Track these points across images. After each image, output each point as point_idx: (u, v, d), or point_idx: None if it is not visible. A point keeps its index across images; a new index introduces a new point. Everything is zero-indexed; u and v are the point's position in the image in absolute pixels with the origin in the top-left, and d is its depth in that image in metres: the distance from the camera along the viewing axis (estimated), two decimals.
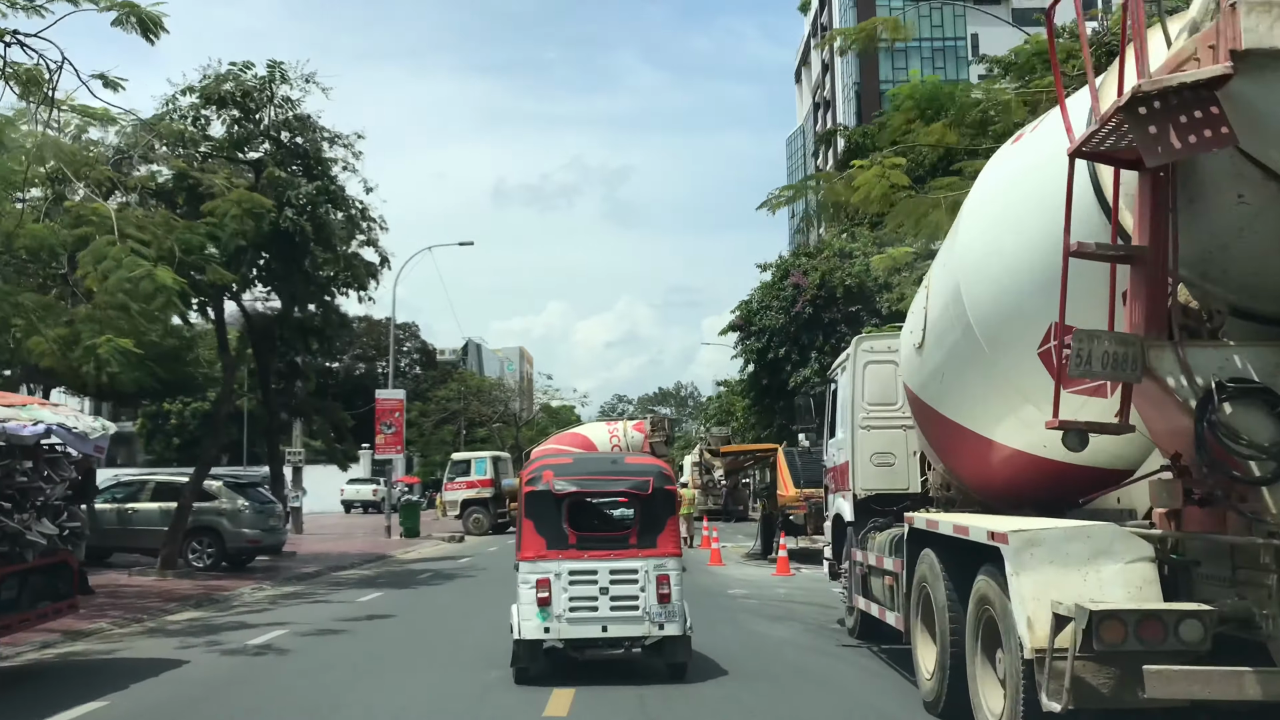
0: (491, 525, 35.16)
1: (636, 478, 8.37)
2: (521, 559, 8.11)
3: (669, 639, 8.15)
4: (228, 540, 19.26)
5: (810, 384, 29.57)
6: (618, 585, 7.99)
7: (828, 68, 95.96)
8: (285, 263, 16.77)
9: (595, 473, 8.67)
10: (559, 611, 7.90)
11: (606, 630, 8.05)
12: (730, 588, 16.02)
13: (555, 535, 8.07)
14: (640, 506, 8.35)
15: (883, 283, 29.69)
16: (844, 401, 10.98)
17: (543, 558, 7.98)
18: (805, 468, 20.84)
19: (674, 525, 8.47)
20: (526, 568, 8.03)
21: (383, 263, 23.15)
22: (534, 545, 8.03)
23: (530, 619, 7.92)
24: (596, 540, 8.28)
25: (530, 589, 7.91)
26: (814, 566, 19.60)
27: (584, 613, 7.96)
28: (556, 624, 7.93)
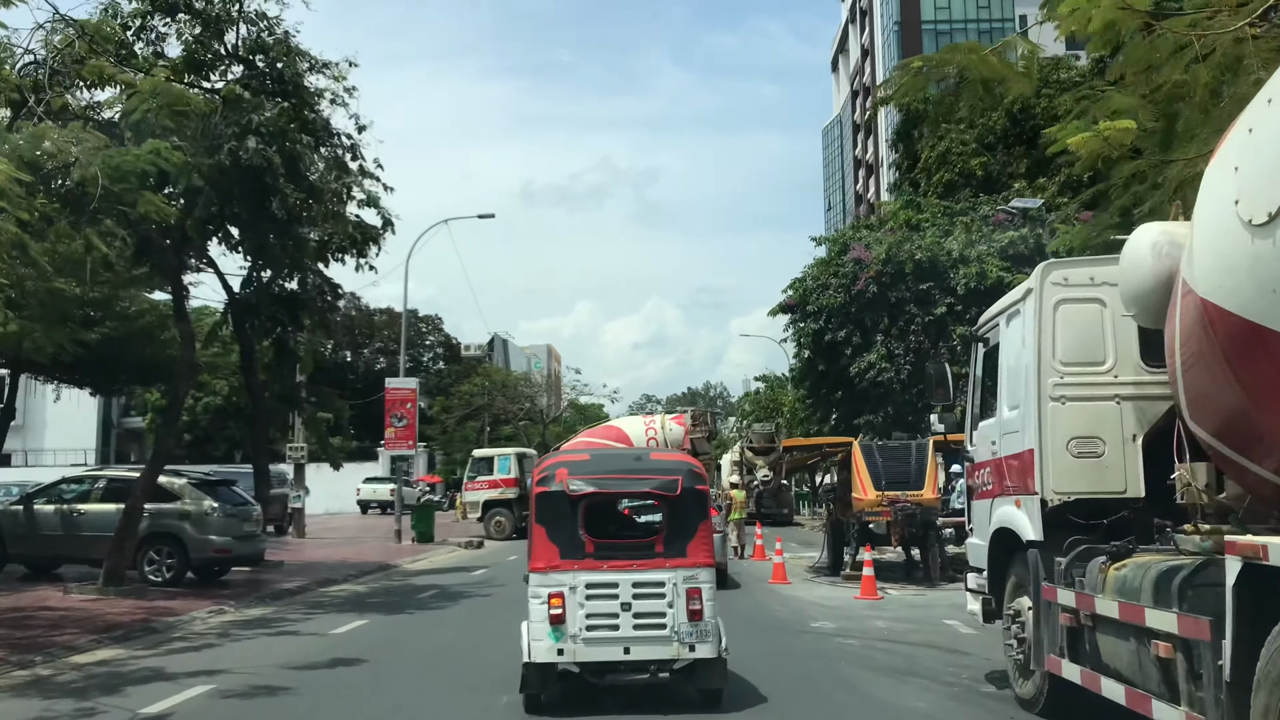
0: (515, 529, 31.91)
1: (663, 476, 7.42)
2: (532, 570, 7.14)
3: (701, 662, 7.15)
4: (191, 549, 15.98)
5: (899, 363, 25.86)
6: (642, 600, 7.05)
7: (867, 52, 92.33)
8: (251, 206, 13.38)
9: (616, 471, 7.57)
10: (575, 630, 6.97)
11: (629, 652, 7.08)
12: (811, 617, 12.49)
13: (570, 543, 7.10)
14: (668, 509, 7.40)
15: (958, 256, 26.09)
16: (1014, 364, 7.48)
17: (556, 568, 7.03)
18: (888, 465, 17.22)
19: (706, 531, 7.39)
20: (537, 580, 7.07)
21: (386, 226, 19.92)
22: (546, 554, 7.07)
23: (542, 639, 6.95)
24: (618, 549, 7.28)
25: (542, 604, 6.97)
26: (900, 585, 16.08)
27: (604, 632, 7.02)
28: (572, 645, 6.98)
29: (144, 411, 62.55)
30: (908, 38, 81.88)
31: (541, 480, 7.27)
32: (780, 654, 9.84)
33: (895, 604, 13.92)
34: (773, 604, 13.94)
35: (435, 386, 71.96)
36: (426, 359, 76.05)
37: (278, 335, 19.91)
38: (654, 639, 7.01)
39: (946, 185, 30.86)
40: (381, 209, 19.88)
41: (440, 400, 66.50)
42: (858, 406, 27.85)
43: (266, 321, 19.76)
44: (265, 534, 17.95)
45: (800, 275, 29.62)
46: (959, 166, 31.12)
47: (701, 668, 7.15)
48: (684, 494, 7.24)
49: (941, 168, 31.49)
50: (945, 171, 31.27)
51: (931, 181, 31.66)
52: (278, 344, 19.93)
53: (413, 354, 75.02)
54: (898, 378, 25.90)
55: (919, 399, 26.30)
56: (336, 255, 19.09)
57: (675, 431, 37.28)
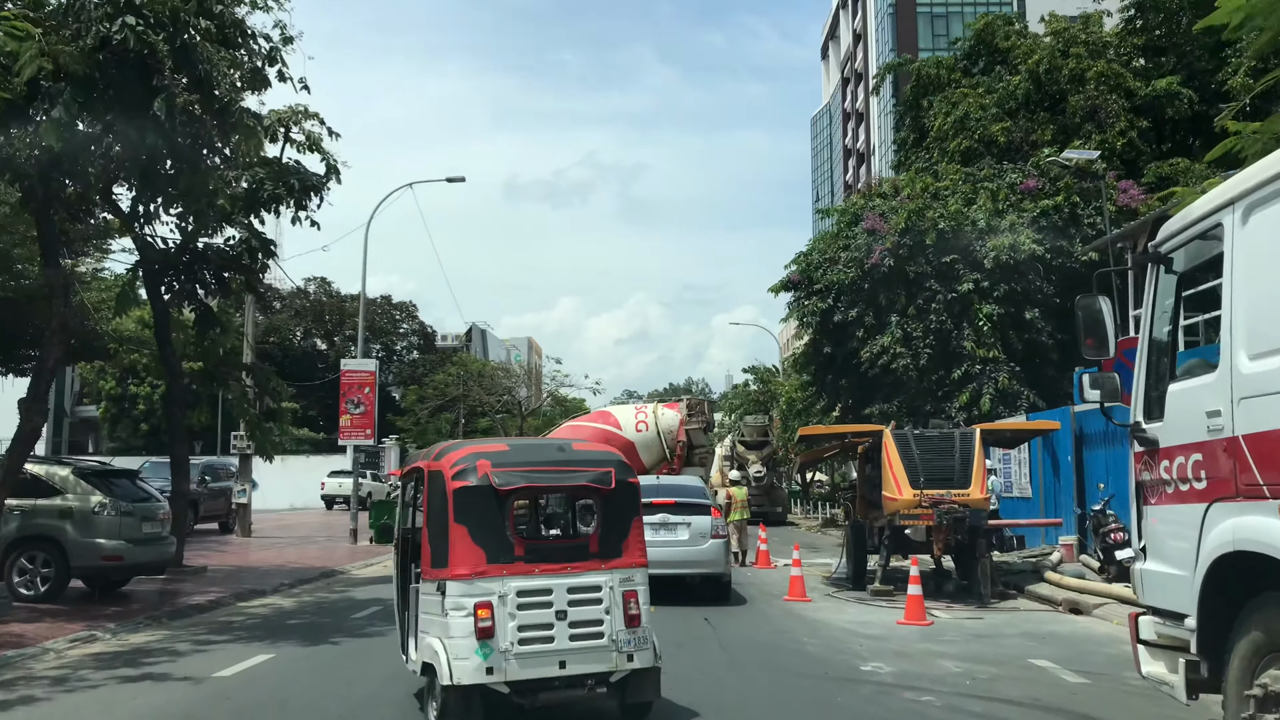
0: None
1: (596, 469, 6.62)
2: (453, 577, 6.06)
3: (636, 673, 6.41)
4: (73, 556, 12.88)
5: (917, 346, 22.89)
6: (578, 607, 6.26)
7: (860, 37, 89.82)
8: (128, 109, 10.20)
9: (543, 463, 6.65)
10: (505, 645, 6.03)
11: (565, 666, 6.19)
12: (855, 654, 9.53)
13: (498, 544, 6.18)
14: (601, 505, 6.59)
15: (984, 226, 23.20)
16: (1242, 297, 4.57)
17: (483, 575, 6.08)
18: (927, 458, 14.29)
19: (639, 528, 6.72)
20: (459, 589, 6.03)
21: (330, 174, 16.90)
22: (470, 558, 6.09)
23: (468, 657, 5.96)
24: (549, 550, 6.52)
25: (466, 617, 5.97)
26: (946, 605, 13.18)
27: (538, 645, 6.13)
28: (503, 662, 6.02)
29: (98, 400, 59.22)
30: (902, 21, 79.37)
31: (460, 473, 6.18)
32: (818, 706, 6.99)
33: (952, 632, 11.00)
34: (797, 631, 10.99)
35: (409, 376, 68.76)
36: (400, 347, 72.74)
37: (200, 300, 16.83)
38: (592, 650, 6.28)
39: (965, 153, 27.97)
40: (325, 154, 16.97)
41: (413, 390, 63.28)
42: (867, 395, 24.95)
43: (186, 282, 16.71)
44: (190, 530, 14.80)
45: (805, 249, 26.66)
46: (978, 133, 28.23)
47: (635, 680, 6.48)
48: (617, 488, 6.60)
49: (960, 133, 28.60)
50: (963, 138, 28.37)
51: (947, 149, 28.76)
52: (199, 310, 16.81)
53: (385, 342, 71.76)
54: (915, 363, 22.98)
55: (938, 387, 23.47)
56: (269, 205, 16.09)
57: (668, 419, 34.33)
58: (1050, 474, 19.44)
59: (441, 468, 6.36)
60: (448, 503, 6.18)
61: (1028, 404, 22.26)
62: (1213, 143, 28.82)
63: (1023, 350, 23.00)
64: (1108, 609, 12.23)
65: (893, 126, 67.92)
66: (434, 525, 6.31)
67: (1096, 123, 27.13)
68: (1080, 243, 22.93)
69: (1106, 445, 17.19)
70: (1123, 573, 13.50)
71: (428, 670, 6.29)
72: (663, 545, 13.33)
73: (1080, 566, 15.86)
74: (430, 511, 6.40)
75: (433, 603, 6.22)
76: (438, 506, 6.30)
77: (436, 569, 6.19)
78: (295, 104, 16.93)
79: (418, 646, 6.68)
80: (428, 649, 6.25)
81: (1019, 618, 12.22)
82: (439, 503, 6.28)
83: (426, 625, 6.37)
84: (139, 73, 9.99)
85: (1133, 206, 22.54)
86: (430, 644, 6.22)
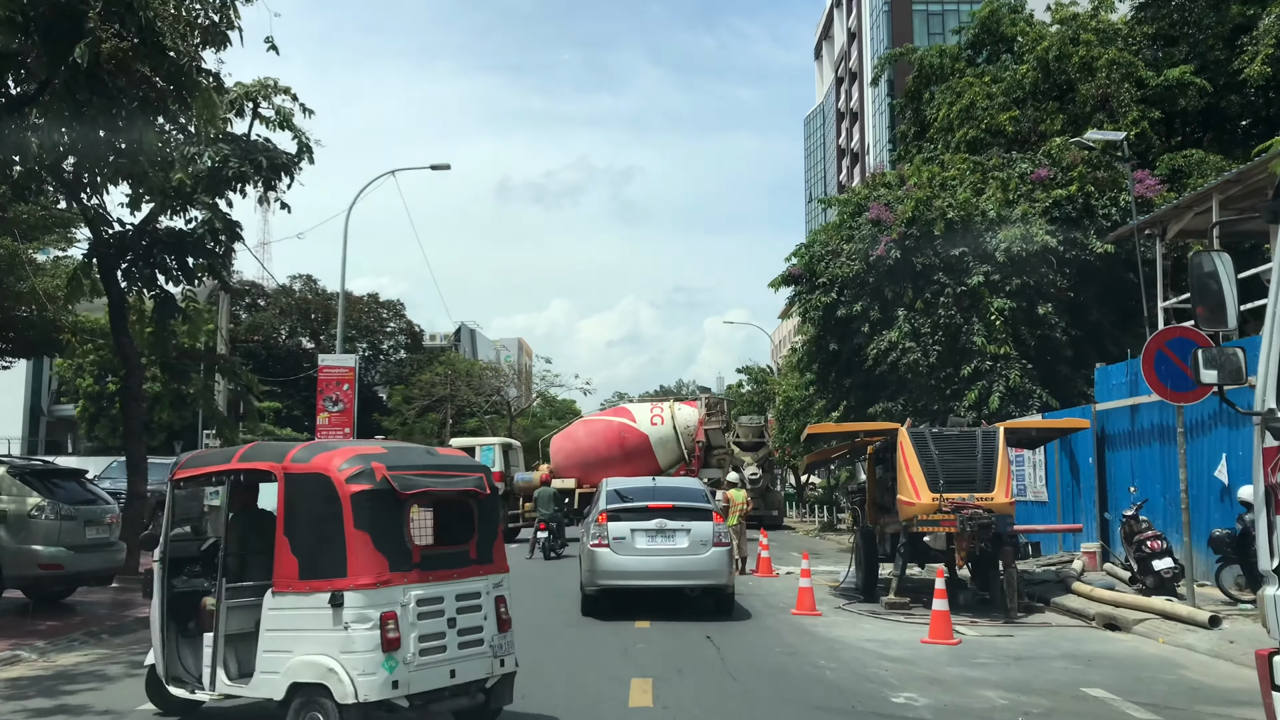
0: None
1: (473, 474, 6.61)
2: (356, 587, 5.74)
3: (503, 678, 6.48)
4: (5, 564, 11.63)
5: (925, 341, 21.60)
6: (464, 615, 6.24)
7: (854, 36, 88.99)
8: (51, 55, 8.91)
9: (424, 466, 6.38)
10: (408, 656, 5.83)
11: (455, 675, 6.12)
12: (883, 681, 8.34)
13: (398, 551, 5.95)
14: (478, 510, 6.53)
15: (994, 217, 22.09)
16: None
17: (387, 584, 5.83)
18: (946, 459, 13.13)
19: (502, 533, 7.04)
20: (364, 599, 5.74)
21: (302, 153, 15.74)
22: (374, 566, 5.81)
23: (374, 671, 5.67)
24: (439, 557, 6.25)
25: (372, 629, 5.70)
26: (969, 619, 12.04)
27: (434, 655, 6.01)
28: (406, 674, 5.81)
29: (75, 399, 57.79)
30: (898, 20, 78.48)
31: (356, 475, 5.86)
32: None
33: (985, 653, 9.84)
34: (812, 652, 9.80)
35: (396, 376, 67.43)
36: (386, 346, 71.37)
37: (159, 286, 15.60)
38: (475, 656, 6.28)
39: (972, 143, 26.87)
40: (297, 131, 15.80)
41: (400, 389, 61.96)
42: (872, 393, 23.80)
43: (145, 267, 15.47)
44: None
45: (807, 241, 25.50)
46: (985, 122, 27.14)
47: (501, 684, 6.50)
48: (491, 493, 6.68)
49: (966, 123, 27.51)
50: (970, 128, 27.29)
51: (953, 139, 27.66)
52: (159, 297, 15.59)
53: (372, 341, 70.40)
54: (924, 359, 21.84)
55: (946, 384, 22.33)
56: (234, 185, 14.88)
57: (685, 416, 32.82)
58: (1069, 477, 18.34)
59: (323, 470, 5.95)
60: (341, 507, 5.82)
61: (1040, 403, 21.15)
62: (1225, 135, 28.07)
63: (1035, 347, 21.89)
64: (1150, 625, 11.10)
65: (888, 125, 66.96)
66: (310, 532, 5.97)
67: (1108, 112, 26.07)
68: (1095, 235, 21.84)
69: (1132, 446, 16.09)
70: (1160, 584, 12.39)
71: (301, 691, 5.82)
72: (660, 554, 12.16)
73: (1106, 576, 14.75)
74: (303, 517, 6.01)
75: (315, 616, 5.80)
76: (321, 512, 5.92)
77: (318, 579, 5.82)
78: (265, 77, 15.79)
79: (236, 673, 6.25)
80: (307, 668, 5.81)
81: (1054, 635, 11.07)
82: (323, 507, 5.90)
83: (291, 643, 5.89)
84: (71, 23, 8.75)
85: (1148, 197, 21.46)
86: (312, 662, 5.79)
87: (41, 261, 22.72)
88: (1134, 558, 13.08)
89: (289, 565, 5.93)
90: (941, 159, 25.84)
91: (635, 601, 12.38)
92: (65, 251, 22.25)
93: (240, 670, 6.29)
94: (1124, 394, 16.22)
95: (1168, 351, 11.52)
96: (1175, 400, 11.40)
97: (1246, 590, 11.78)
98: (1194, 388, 11.34)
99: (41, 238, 20.80)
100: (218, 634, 6.29)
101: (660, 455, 30.90)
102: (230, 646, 6.34)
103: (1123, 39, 28.01)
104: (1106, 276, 22.01)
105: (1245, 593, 11.75)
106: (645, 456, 30.57)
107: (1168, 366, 11.44)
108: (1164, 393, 11.44)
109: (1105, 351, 21.23)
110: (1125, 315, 22.30)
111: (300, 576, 5.90)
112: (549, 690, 7.99)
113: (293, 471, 6.08)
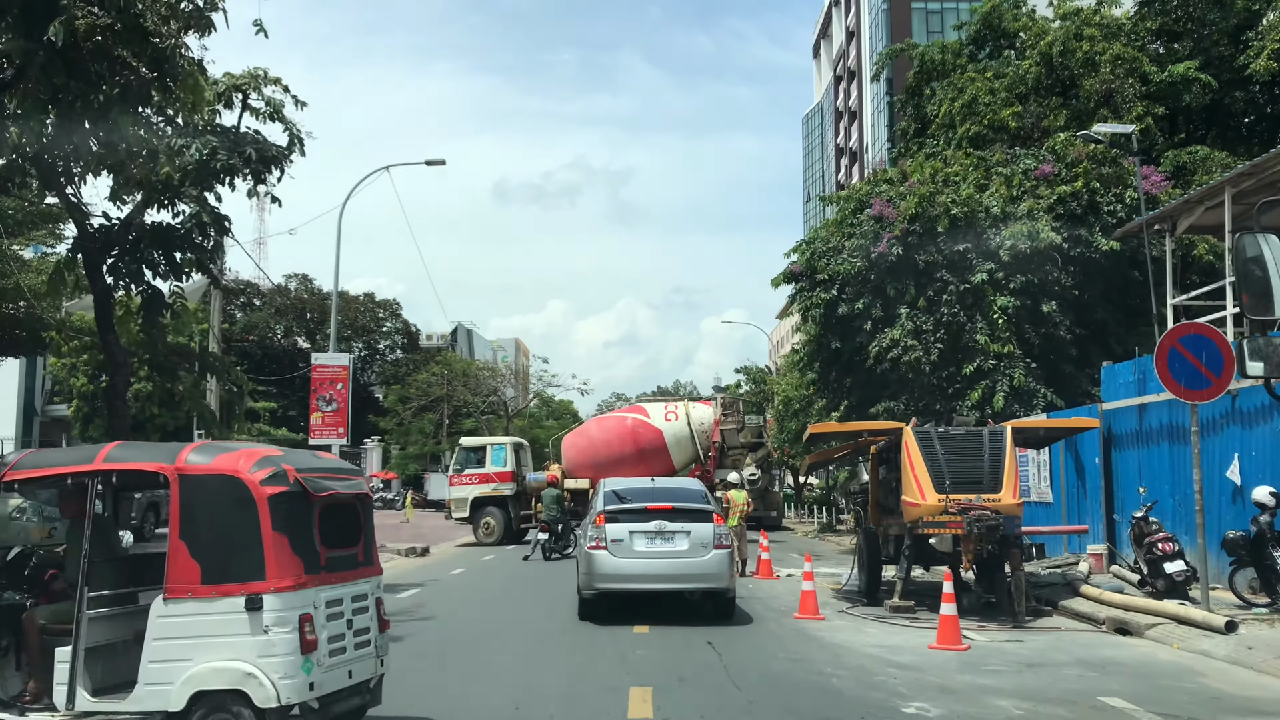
0: (506, 532, 27.41)
1: (354, 477, 6.80)
2: (277, 589, 5.69)
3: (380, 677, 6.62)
4: None
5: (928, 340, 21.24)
6: (358, 616, 6.34)
7: (853, 35, 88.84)
8: (26, 39, 8.59)
9: (320, 469, 6.36)
10: (320, 658, 5.87)
11: (352, 675, 6.22)
12: (891, 690, 8.01)
13: (310, 554, 5.96)
14: (362, 514, 6.65)
15: (998, 214, 21.79)
16: None
17: (304, 586, 5.83)
18: (952, 459, 12.80)
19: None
20: (282, 602, 5.70)
21: (293, 145, 15.43)
22: (293, 568, 5.79)
23: (294, 674, 5.65)
24: (339, 559, 6.26)
25: (292, 632, 5.68)
26: (976, 623, 11.73)
27: (338, 656, 6.08)
28: (319, 675, 5.86)
29: (69, 399, 57.41)
30: (896, 18, 78.31)
31: (273, 477, 5.83)
32: None
33: (995, 659, 9.51)
34: (818, 659, 9.48)
35: (392, 376, 67.11)
36: (383, 346, 71.04)
37: (147, 282, 15.27)
38: (365, 657, 6.40)
39: (974, 139, 26.56)
40: (288, 123, 15.48)
41: (396, 389, 61.62)
42: (874, 392, 23.47)
43: (131, 263, 15.14)
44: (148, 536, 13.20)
45: (808, 237, 25.17)
46: (988, 118, 26.84)
47: (377, 684, 6.62)
48: (370, 497, 6.90)
49: (968, 119, 27.21)
50: (972, 123, 26.99)
51: (954, 135, 27.36)
52: (146, 293, 15.25)
53: (368, 340, 70.11)
54: (926, 358, 21.51)
55: (949, 384, 22.02)
56: (222, 177, 14.56)
57: (700, 413, 32.17)
58: (1074, 477, 18.01)
59: (233, 472, 5.81)
60: (258, 510, 5.72)
61: (1044, 403, 20.84)
62: (1229, 132, 27.80)
63: (1039, 345, 21.58)
64: (1163, 629, 10.78)
65: (887, 123, 66.62)
66: (215, 535, 5.82)
67: (1111, 108, 25.78)
68: (1100, 232, 21.53)
69: (1139, 446, 15.77)
70: (1172, 587, 12.08)
71: (206, 700, 5.66)
72: (659, 556, 11.83)
73: (1114, 579, 14.43)
74: (207, 520, 5.84)
75: (225, 621, 5.67)
76: (231, 514, 5.80)
77: (229, 583, 5.69)
78: (255, 67, 15.46)
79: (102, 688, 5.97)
80: (218, 675, 5.66)
81: (1064, 640, 10.76)
82: (234, 510, 5.78)
83: (190, 651, 5.68)
84: (46, 3, 8.40)
85: (1154, 194, 21.16)
86: (223, 668, 5.65)
87: (30, 258, 22.40)
88: (1144, 560, 12.77)
89: (188, 570, 5.72)
90: (944, 155, 25.53)
91: (634, 606, 12.06)
92: (53, 247, 21.94)
93: (106, 685, 5.97)
94: (1132, 393, 15.91)
95: (1181, 349, 11.20)
96: (1190, 399, 11.08)
97: (1261, 594, 11.49)
98: (1208, 385, 11.06)
99: (28, 233, 20.49)
100: (77, 648, 5.91)
101: (675, 454, 30.30)
102: (92, 660, 6.00)
103: (1126, 34, 27.75)
104: (1111, 274, 21.73)
105: (1259, 596, 11.45)
106: (660, 455, 29.92)
107: (1182, 364, 11.13)
108: (1178, 391, 11.13)
109: (1110, 350, 20.93)
110: (1130, 314, 22.01)
111: (204, 581, 5.71)
112: (543, 700, 7.67)
113: (190, 473, 5.86)
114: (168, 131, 13.27)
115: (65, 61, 8.58)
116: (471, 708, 7.58)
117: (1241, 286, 4.53)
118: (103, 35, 8.41)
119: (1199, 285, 18.22)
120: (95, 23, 8.34)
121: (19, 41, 8.63)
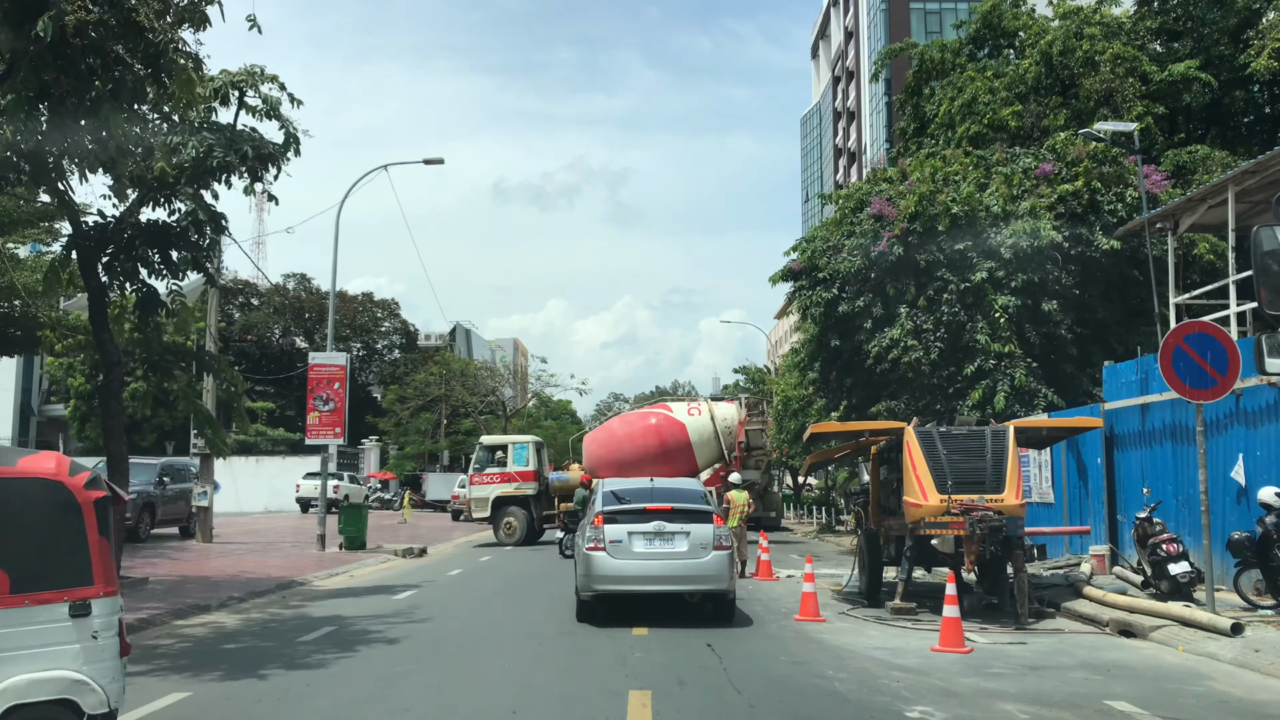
0: (528, 531, 27.25)
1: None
2: (105, 594, 5.75)
3: None
4: None
5: (928, 339, 21.15)
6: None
7: (851, 35, 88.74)
8: (15, 35, 8.46)
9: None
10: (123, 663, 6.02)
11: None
12: (894, 694, 7.90)
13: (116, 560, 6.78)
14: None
15: (998, 213, 21.68)
16: None
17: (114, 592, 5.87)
18: (954, 459, 12.69)
19: None
20: (109, 607, 5.76)
21: (289, 144, 15.30)
22: (112, 574, 5.85)
23: (119, 679, 5.81)
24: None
25: (114, 637, 5.79)
26: (979, 625, 11.62)
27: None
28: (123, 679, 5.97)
29: (66, 399, 57.24)
30: (895, 18, 78.25)
31: (93, 481, 5.77)
32: None
33: (999, 662, 9.39)
34: (820, 662, 9.36)
35: (390, 375, 66.95)
36: (381, 346, 70.88)
37: (142, 280, 15.13)
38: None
39: (974, 138, 26.45)
40: (284, 121, 15.36)
41: (394, 389, 61.45)
42: (874, 392, 23.36)
43: (126, 261, 15.01)
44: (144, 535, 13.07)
45: (808, 235, 25.05)
46: (987, 117, 26.73)
47: None
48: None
49: (967, 118, 27.11)
50: (972, 123, 26.88)
51: (954, 134, 27.25)
52: (142, 292, 15.11)
53: (366, 340, 69.95)
54: (926, 357, 21.40)
55: (949, 383, 21.90)
56: (218, 175, 14.43)
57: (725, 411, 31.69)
58: (1076, 477, 17.90)
59: (51, 475, 5.60)
60: (82, 515, 5.62)
61: (1045, 402, 20.72)
62: (1229, 131, 27.71)
63: (1040, 345, 21.46)
64: (1167, 631, 10.66)
65: (886, 123, 66.38)
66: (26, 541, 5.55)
67: (1111, 107, 25.68)
68: (1101, 231, 21.42)
69: (1142, 446, 15.66)
70: (1176, 589, 11.97)
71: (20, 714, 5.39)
72: (658, 558, 11.70)
73: (1116, 580, 14.32)
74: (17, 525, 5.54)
75: (43, 631, 5.49)
76: (49, 519, 5.60)
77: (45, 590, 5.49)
78: (252, 64, 15.32)
79: None
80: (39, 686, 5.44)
81: (1068, 642, 10.64)
82: (53, 515, 5.59)
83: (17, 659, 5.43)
84: None
85: (1154, 193, 21.05)
86: (44, 679, 5.45)
87: (25, 257, 22.24)
88: (1148, 561, 12.66)
89: None
90: (943, 154, 25.42)
91: (633, 607, 11.93)
92: (49, 246, 21.79)
93: None
94: (1134, 392, 15.80)
95: (1186, 348, 11.09)
96: (1195, 398, 10.97)
97: (1266, 595, 11.37)
98: (1214, 385, 10.94)
99: (23, 231, 20.34)
100: None
101: (699, 453, 29.90)
102: None
103: (1126, 34, 27.66)
104: (1112, 273, 21.63)
105: (1265, 598, 11.34)
106: (684, 453, 29.52)
107: (1187, 363, 11.02)
108: (1183, 390, 11.01)
109: (1111, 350, 20.83)
110: (1131, 313, 21.90)
111: (13, 590, 5.44)
112: (541, 704, 7.53)
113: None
114: (163, 128, 13.14)
115: (56, 57, 8.47)
116: (468, 711, 7.45)
117: (1259, 280, 4.41)
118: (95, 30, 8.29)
119: (1200, 285, 18.11)
120: (86, 17, 8.21)
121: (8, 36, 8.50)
